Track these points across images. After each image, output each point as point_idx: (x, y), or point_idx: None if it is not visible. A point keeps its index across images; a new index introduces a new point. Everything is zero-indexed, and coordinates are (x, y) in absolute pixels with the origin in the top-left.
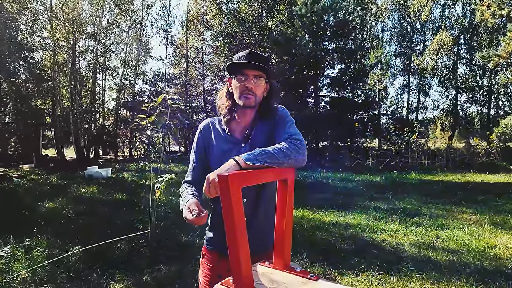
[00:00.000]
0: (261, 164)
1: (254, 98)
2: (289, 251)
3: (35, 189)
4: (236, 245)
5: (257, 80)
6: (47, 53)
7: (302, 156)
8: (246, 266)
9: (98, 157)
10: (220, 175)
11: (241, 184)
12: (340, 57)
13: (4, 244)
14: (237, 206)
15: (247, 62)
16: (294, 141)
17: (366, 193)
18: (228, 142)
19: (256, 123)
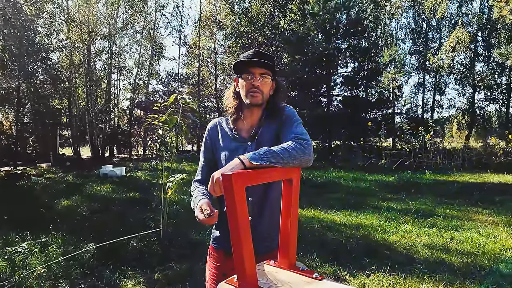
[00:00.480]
0: (265, 163)
1: (261, 96)
2: (294, 250)
3: (51, 187)
4: (240, 244)
5: (263, 78)
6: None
7: (307, 156)
8: (250, 265)
9: (113, 156)
10: (224, 174)
11: (245, 183)
12: (353, 56)
13: (22, 240)
14: (240, 205)
15: (253, 60)
16: (300, 141)
17: (379, 193)
18: (235, 141)
19: (263, 123)
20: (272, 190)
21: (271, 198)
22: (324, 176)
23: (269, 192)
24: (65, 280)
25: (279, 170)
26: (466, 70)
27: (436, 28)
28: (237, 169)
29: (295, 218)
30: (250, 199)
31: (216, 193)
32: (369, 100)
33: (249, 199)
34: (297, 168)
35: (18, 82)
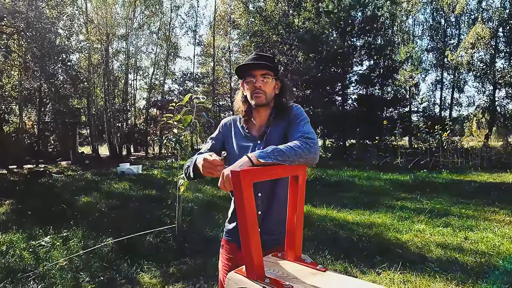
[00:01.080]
0: (272, 161)
1: (264, 96)
2: (300, 243)
3: (72, 184)
4: (247, 236)
5: (265, 78)
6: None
7: (313, 155)
8: (257, 256)
9: (130, 154)
10: (233, 170)
11: (253, 179)
12: (368, 53)
13: (45, 234)
14: (248, 199)
15: (251, 63)
16: (306, 140)
17: (393, 192)
18: (246, 139)
19: (271, 122)
20: (280, 187)
21: (279, 194)
22: (338, 175)
23: (277, 188)
24: (85, 272)
25: (285, 168)
26: (486, 67)
27: (455, 24)
28: (246, 166)
29: (301, 213)
30: (260, 195)
31: (226, 189)
32: (384, 98)
33: (258, 194)
34: (303, 166)
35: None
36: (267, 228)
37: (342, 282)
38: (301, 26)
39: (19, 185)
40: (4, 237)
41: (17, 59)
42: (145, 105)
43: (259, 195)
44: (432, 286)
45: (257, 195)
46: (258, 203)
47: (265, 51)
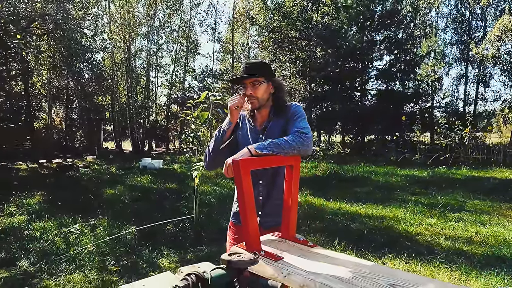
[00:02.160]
0: (268, 152)
1: (257, 101)
2: (294, 224)
3: (97, 178)
4: (246, 215)
5: (254, 85)
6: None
7: (305, 147)
8: (255, 232)
9: (152, 149)
10: (234, 159)
11: (251, 167)
12: (388, 48)
13: (74, 222)
14: (247, 184)
15: (236, 77)
16: (301, 134)
17: (408, 188)
18: (252, 132)
19: (271, 118)
20: (279, 176)
21: (278, 183)
22: (354, 170)
23: (277, 177)
24: (111, 256)
25: (280, 158)
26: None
27: (480, 16)
28: (245, 156)
29: (295, 198)
30: (261, 182)
31: (229, 175)
32: (405, 93)
33: (259, 182)
34: (297, 156)
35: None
36: (267, 211)
37: (327, 254)
38: (319, 22)
39: (49, 178)
40: (38, 224)
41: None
42: (166, 101)
43: (260, 182)
44: (435, 275)
45: (258, 183)
46: (260, 189)
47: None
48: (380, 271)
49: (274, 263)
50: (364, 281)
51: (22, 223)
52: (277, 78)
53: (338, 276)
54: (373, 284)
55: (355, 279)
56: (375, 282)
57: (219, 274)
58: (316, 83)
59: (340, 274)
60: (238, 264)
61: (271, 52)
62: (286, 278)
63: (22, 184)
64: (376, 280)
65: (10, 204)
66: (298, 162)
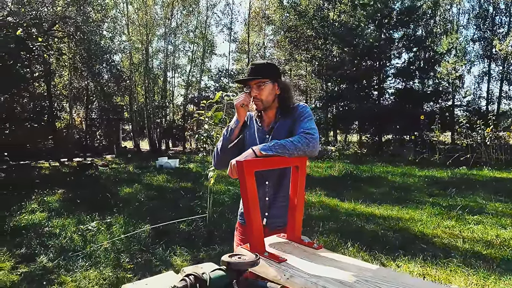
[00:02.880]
0: (273, 153)
1: (261, 103)
2: (300, 225)
3: (115, 176)
4: (250, 216)
5: (259, 87)
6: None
7: (311, 148)
8: (259, 233)
9: (168, 149)
10: (238, 160)
11: (254, 168)
12: (407, 46)
13: (91, 220)
14: (250, 185)
15: (241, 79)
16: (306, 135)
17: (426, 189)
18: (259, 132)
19: (278, 119)
20: (286, 177)
21: (285, 183)
22: (371, 170)
23: (284, 178)
24: (126, 254)
25: (285, 159)
26: None
27: (504, 12)
28: (250, 157)
29: (301, 199)
30: (267, 183)
31: (233, 176)
32: (424, 92)
33: (266, 183)
34: (303, 157)
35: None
36: (273, 212)
37: (332, 257)
38: (336, 20)
39: (69, 176)
40: (58, 221)
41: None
42: (183, 101)
43: (267, 183)
44: (451, 279)
45: (265, 183)
46: (266, 190)
47: (299, 46)
48: (385, 276)
49: (277, 265)
50: (367, 286)
51: (43, 220)
52: (284, 79)
53: (340, 280)
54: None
55: (357, 284)
56: (377, 287)
57: (218, 275)
58: (332, 82)
59: (343, 278)
60: (238, 265)
61: (287, 51)
62: (288, 280)
63: (44, 182)
64: (379, 285)
65: (32, 201)
66: (304, 163)
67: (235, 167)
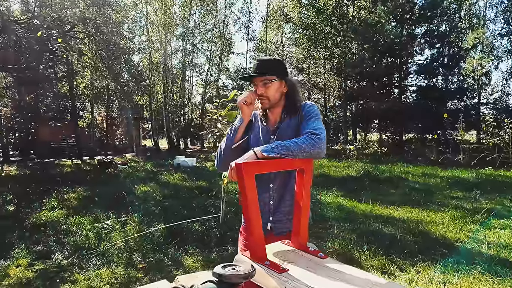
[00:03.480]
0: (275, 155)
1: (267, 101)
2: (305, 232)
3: (133, 175)
4: (250, 222)
5: (265, 84)
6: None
7: (317, 149)
8: (259, 240)
9: (187, 147)
10: (236, 163)
11: (255, 171)
12: (430, 42)
13: (107, 218)
14: (250, 189)
15: (246, 75)
16: (312, 136)
17: (449, 190)
18: (264, 131)
19: (283, 119)
20: (291, 179)
21: (291, 186)
22: (391, 170)
23: (289, 180)
24: (138, 253)
25: (289, 161)
26: None
27: None
28: (251, 159)
29: (307, 204)
30: (272, 186)
31: (233, 179)
32: (448, 89)
33: (270, 185)
34: (308, 160)
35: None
36: (278, 217)
37: (337, 268)
38: (355, 16)
39: (89, 174)
40: (75, 219)
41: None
42: (201, 100)
43: (272, 186)
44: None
45: (269, 186)
46: (271, 194)
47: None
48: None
49: (278, 275)
50: None
51: (61, 218)
52: (291, 77)
53: None
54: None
55: None
56: None
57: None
58: (351, 80)
59: None
60: (231, 278)
61: (305, 49)
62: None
63: (65, 180)
64: None
65: (52, 198)
66: (310, 165)
67: (234, 170)
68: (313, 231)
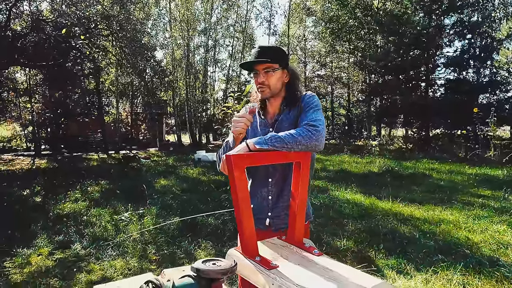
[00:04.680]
0: (268, 147)
1: (268, 89)
2: (301, 228)
3: (155, 169)
4: (240, 217)
5: (267, 72)
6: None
7: (314, 141)
8: (250, 236)
9: (209, 142)
10: (227, 155)
11: (246, 164)
12: (460, 33)
13: (126, 210)
14: (240, 182)
15: (251, 61)
16: (309, 127)
17: (475, 188)
18: (262, 125)
19: (282, 110)
20: (291, 174)
21: (289, 181)
22: (415, 167)
23: (288, 175)
24: (152, 245)
25: (284, 154)
26: None
27: None
28: (243, 151)
29: (303, 199)
30: (271, 180)
31: (225, 171)
32: (480, 82)
33: (269, 180)
34: (305, 153)
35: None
36: (277, 212)
37: (328, 266)
38: (380, 8)
39: (113, 168)
40: (95, 211)
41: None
42: (223, 95)
43: (270, 180)
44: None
45: (268, 181)
46: (270, 188)
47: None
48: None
49: (267, 271)
50: None
51: (83, 209)
52: (292, 66)
53: None
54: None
55: None
56: None
57: (184, 283)
58: (375, 73)
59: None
60: (208, 273)
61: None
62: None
63: (90, 173)
64: None
65: (76, 191)
66: (307, 159)
67: (225, 162)
68: (329, 228)
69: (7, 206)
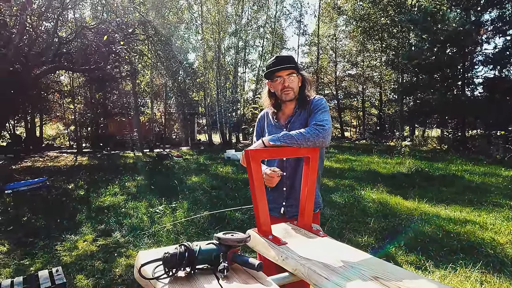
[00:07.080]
0: (281, 143)
1: (293, 92)
2: (310, 214)
3: (187, 166)
4: (256, 202)
5: (290, 77)
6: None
7: (321, 139)
8: (265, 218)
9: (239, 142)
10: (246, 150)
11: (261, 157)
12: (500, 29)
13: (160, 204)
14: (256, 173)
15: (279, 68)
16: (317, 127)
17: (509, 191)
18: (276, 128)
19: (295, 112)
20: (301, 168)
21: (300, 174)
22: (447, 168)
23: (300, 169)
24: (184, 236)
25: (295, 149)
26: None
27: None
28: (259, 147)
29: (312, 189)
30: (285, 174)
31: (244, 164)
32: None
33: (284, 173)
34: (313, 148)
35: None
36: (291, 202)
37: (331, 245)
38: (413, 5)
39: (148, 165)
40: (132, 204)
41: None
42: (253, 96)
43: (284, 174)
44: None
45: (282, 175)
46: (284, 181)
47: (372, 35)
48: (371, 263)
49: (277, 247)
50: (350, 271)
51: (121, 202)
52: (303, 72)
53: (327, 264)
54: (356, 274)
55: (342, 268)
56: (359, 272)
57: (208, 248)
58: (408, 72)
59: (331, 262)
60: (226, 241)
61: (359, 41)
62: (284, 261)
63: (127, 170)
64: (362, 271)
65: (115, 185)
66: (316, 154)
67: (244, 156)
68: (352, 225)
69: (55, 198)
